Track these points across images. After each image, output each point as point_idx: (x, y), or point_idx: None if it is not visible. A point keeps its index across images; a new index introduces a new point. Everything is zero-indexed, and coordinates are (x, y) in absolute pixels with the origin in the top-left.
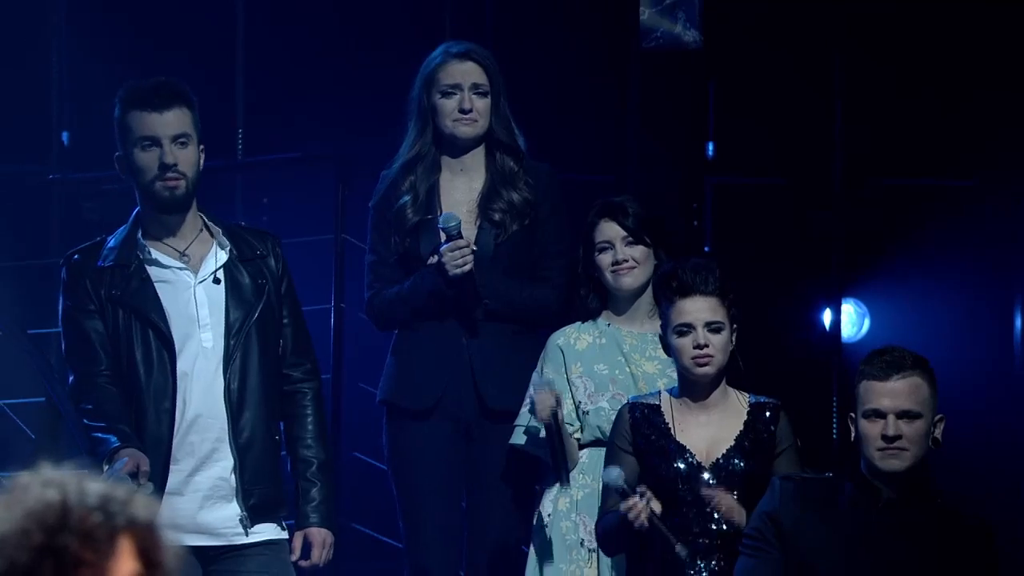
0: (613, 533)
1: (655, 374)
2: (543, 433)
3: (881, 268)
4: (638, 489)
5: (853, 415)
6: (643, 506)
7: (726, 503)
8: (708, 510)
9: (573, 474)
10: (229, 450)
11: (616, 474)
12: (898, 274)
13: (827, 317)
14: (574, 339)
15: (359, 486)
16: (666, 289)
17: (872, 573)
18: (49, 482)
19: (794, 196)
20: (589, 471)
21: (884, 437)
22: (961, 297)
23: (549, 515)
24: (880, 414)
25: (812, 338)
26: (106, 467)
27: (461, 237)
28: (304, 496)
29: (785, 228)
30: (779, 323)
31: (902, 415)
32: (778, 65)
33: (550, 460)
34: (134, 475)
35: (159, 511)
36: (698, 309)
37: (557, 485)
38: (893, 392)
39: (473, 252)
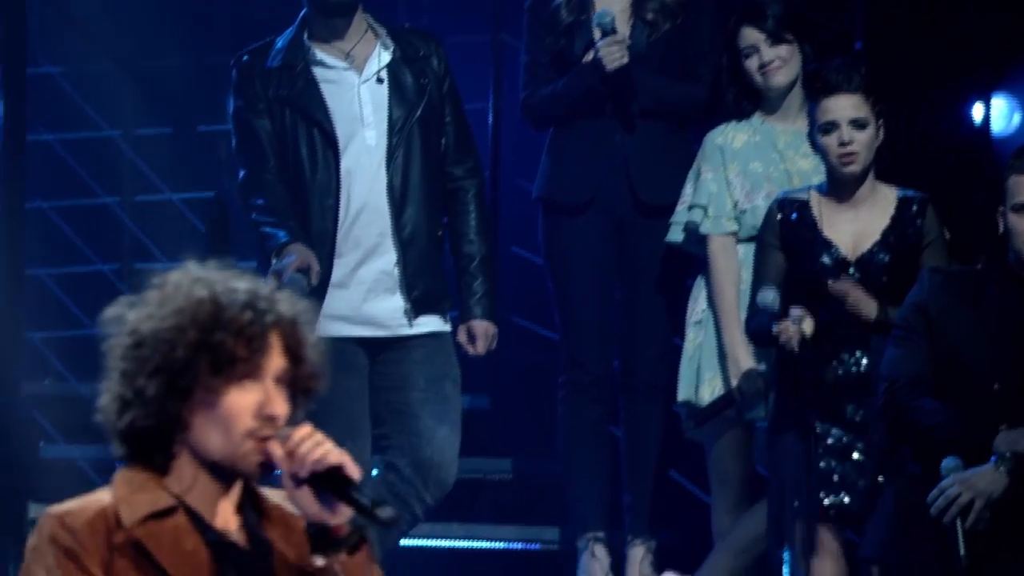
0: (763, 338)
1: (809, 171)
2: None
3: None
4: (793, 312)
5: (1002, 209)
6: (795, 330)
7: (854, 295)
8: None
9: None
10: (392, 244)
11: (772, 297)
12: None
13: (978, 111)
14: (731, 137)
15: (517, 280)
16: (811, 89)
17: (1017, 361)
18: (198, 280)
19: None
20: (746, 267)
21: None
22: None
23: (703, 310)
24: None
25: (962, 132)
26: (275, 260)
27: (616, 33)
28: (467, 290)
29: (937, 23)
30: (930, 118)
31: None
32: None
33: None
34: (303, 271)
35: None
36: (842, 107)
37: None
38: None
39: (628, 47)
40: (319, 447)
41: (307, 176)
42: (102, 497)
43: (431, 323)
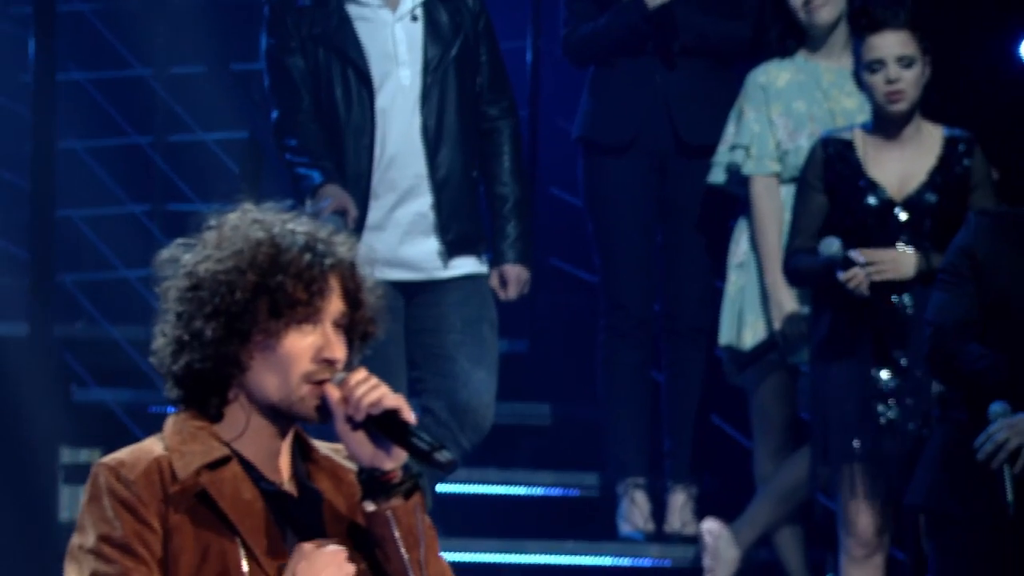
0: (809, 276)
1: (854, 110)
2: None
3: None
4: (858, 259)
5: None
6: (864, 276)
7: (884, 259)
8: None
9: None
10: (427, 186)
11: (836, 246)
12: None
13: None
14: (774, 76)
15: (555, 222)
16: (856, 25)
17: None
18: (256, 222)
19: None
20: (788, 208)
21: None
22: None
23: (745, 252)
24: None
25: (1011, 70)
26: (309, 202)
27: None
28: (500, 233)
29: None
30: (977, 55)
31: None
32: None
33: None
34: (340, 214)
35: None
36: (888, 44)
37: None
38: None
39: None
40: (375, 390)
41: (341, 116)
42: (153, 447)
43: (466, 265)
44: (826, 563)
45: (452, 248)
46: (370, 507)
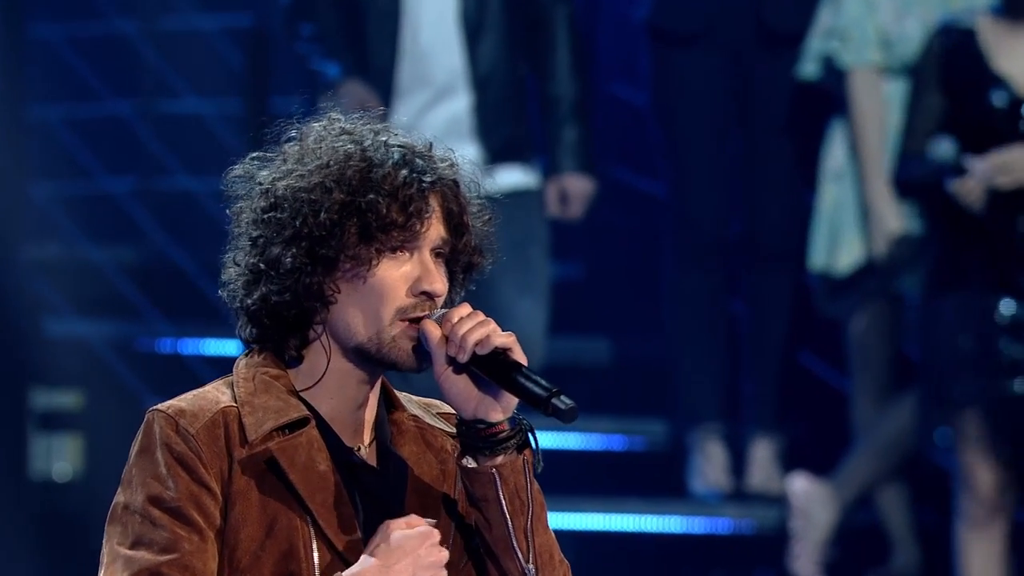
0: (921, 187)
1: None
2: None
3: None
4: (976, 167)
5: None
6: (976, 187)
7: (1010, 166)
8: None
9: None
10: (466, 83)
11: (948, 149)
12: None
13: None
14: None
15: (616, 125)
16: None
17: None
18: (344, 132)
19: None
20: (894, 107)
21: None
22: None
23: (841, 160)
24: None
25: None
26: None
27: None
28: (556, 138)
29: None
30: None
31: None
32: None
33: None
34: None
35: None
36: None
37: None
38: None
39: None
40: (482, 327)
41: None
42: (220, 395)
43: (512, 177)
44: (937, 528)
45: (495, 157)
46: (471, 463)
